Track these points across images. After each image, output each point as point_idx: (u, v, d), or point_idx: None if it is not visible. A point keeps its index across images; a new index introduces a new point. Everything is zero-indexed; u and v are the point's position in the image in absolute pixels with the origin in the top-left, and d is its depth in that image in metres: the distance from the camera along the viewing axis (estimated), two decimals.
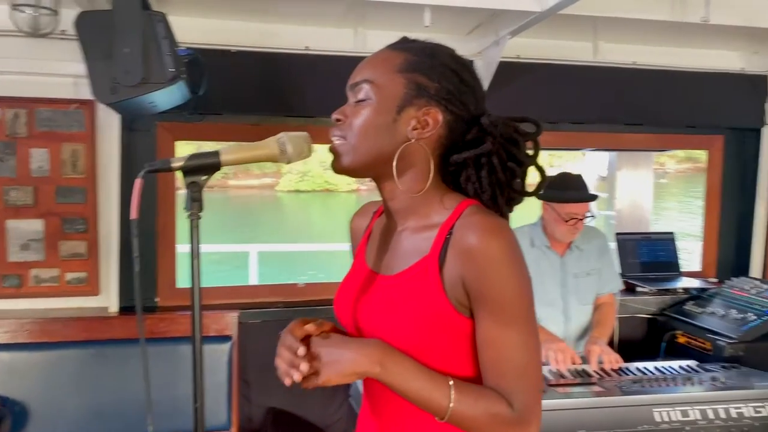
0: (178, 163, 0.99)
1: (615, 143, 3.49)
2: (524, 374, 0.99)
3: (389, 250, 1.15)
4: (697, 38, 3.07)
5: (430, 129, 1.06)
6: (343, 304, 1.19)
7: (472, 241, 0.99)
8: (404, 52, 1.09)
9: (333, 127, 1.11)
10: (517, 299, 1.00)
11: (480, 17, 2.77)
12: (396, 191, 1.10)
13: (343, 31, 2.93)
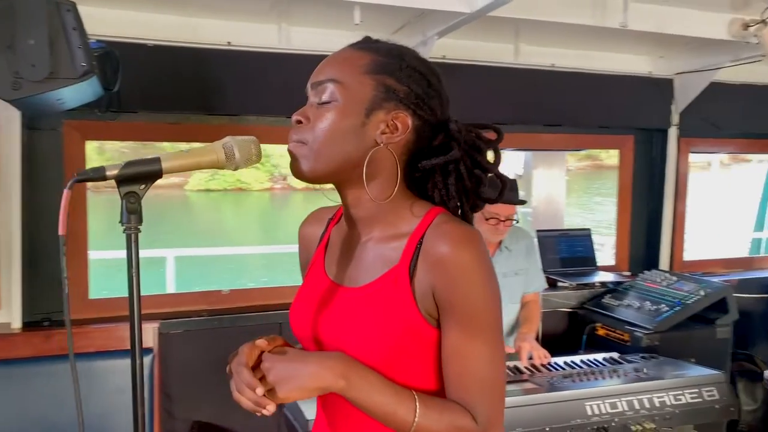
0: (113, 171, 0.89)
1: (535, 143, 3.59)
2: (489, 387, 0.98)
3: (353, 260, 1.09)
4: (610, 42, 3.21)
5: (399, 134, 1.02)
6: (301, 317, 1.12)
7: (444, 250, 0.97)
8: (370, 53, 1.04)
9: (292, 129, 1.04)
10: (487, 310, 0.98)
11: (407, 16, 2.75)
12: (361, 198, 1.05)
13: (266, 27, 2.83)
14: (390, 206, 1.05)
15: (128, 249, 0.89)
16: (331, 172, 1.03)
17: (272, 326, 2.94)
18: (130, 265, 0.90)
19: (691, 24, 2.75)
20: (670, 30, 2.68)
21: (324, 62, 1.06)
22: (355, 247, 1.09)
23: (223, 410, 2.82)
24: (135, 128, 2.78)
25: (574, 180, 33.34)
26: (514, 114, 3.34)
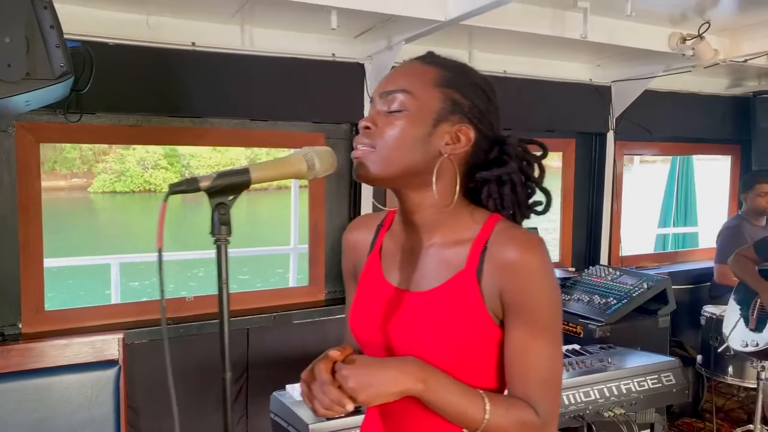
0: (206, 183, 0.88)
1: None
2: (550, 384, 1.04)
3: (416, 265, 1.12)
4: (555, 51, 3.39)
5: (462, 145, 1.07)
6: (367, 323, 1.14)
7: (513, 255, 1.02)
8: (438, 67, 1.09)
9: (359, 135, 1.07)
10: (551, 311, 1.04)
11: (372, 21, 2.78)
12: (422, 205, 1.10)
13: (230, 28, 2.77)
14: (450, 213, 1.10)
15: (219, 260, 0.88)
16: (396, 176, 1.06)
17: (240, 332, 2.90)
18: (221, 277, 0.89)
19: (635, 36, 2.95)
20: (621, 42, 2.88)
21: (393, 73, 1.11)
22: (417, 252, 1.13)
23: (193, 422, 2.75)
24: (93, 130, 2.65)
25: None
26: None
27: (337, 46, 3.00)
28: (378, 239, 1.22)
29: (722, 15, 2.84)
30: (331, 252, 3.22)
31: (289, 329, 3.03)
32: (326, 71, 3.00)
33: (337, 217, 3.22)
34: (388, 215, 1.24)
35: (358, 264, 1.24)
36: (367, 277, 1.20)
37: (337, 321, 3.13)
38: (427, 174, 1.06)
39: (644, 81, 3.58)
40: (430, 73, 1.08)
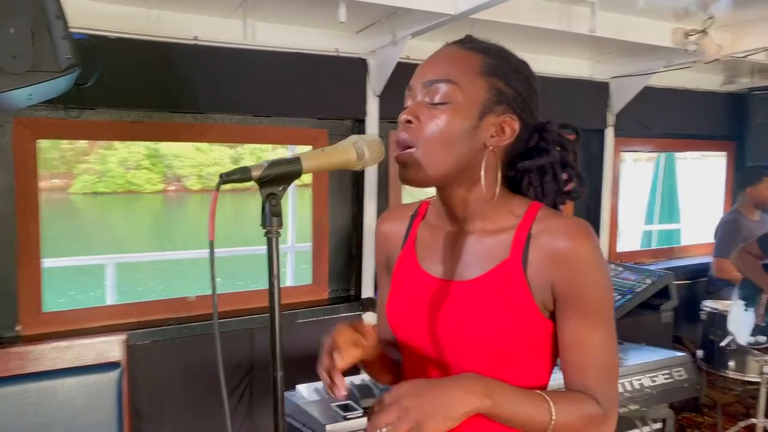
0: (258, 172, 0.84)
1: None
2: (608, 373, 1.01)
3: (458, 255, 1.09)
4: (554, 46, 3.37)
5: (507, 137, 1.04)
6: (409, 315, 1.11)
7: (564, 244, 0.99)
8: (481, 54, 1.04)
9: (400, 128, 1.02)
10: (606, 300, 1.02)
11: (377, 15, 2.74)
12: (468, 199, 1.06)
13: (232, 22, 2.72)
14: (493, 204, 1.06)
15: (270, 253, 0.84)
16: (443, 176, 1.02)
17: (244, 332, 2.85)
18: (272, 271, 0.85)
19: (638, 31, 2.95)
20: (626, 37, 2.87)
21: (433, 60, 1.06)
22: (457, 242, 1.09)
23: (198, 426, 2.69)
24: (92, 126, 2.58)
25: None
26: None
27: (340, 41, 2.95)
28: (412, 230, 1.18)
29: (724, 10, 2.85)
30: (334, 250, 3.17)
31: (294, 329, 2.98)
32: (329, 66, 2.96)
33: (341, 215, 3.18)
34: (422, 205, 1.20)
35: (391, 256, 1.21)
36: (402, 269, 1.16)
37: (341, 320, 3.06)
38: (472, 168, 1.03)
39: (644, 77, 3.58)
40: (474, 60, 1.03)
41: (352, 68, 3.01)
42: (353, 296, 3.21)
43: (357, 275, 3.18)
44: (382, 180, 3.17)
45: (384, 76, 2.95)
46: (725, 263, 3.82)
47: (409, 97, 1.07)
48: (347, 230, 3.20)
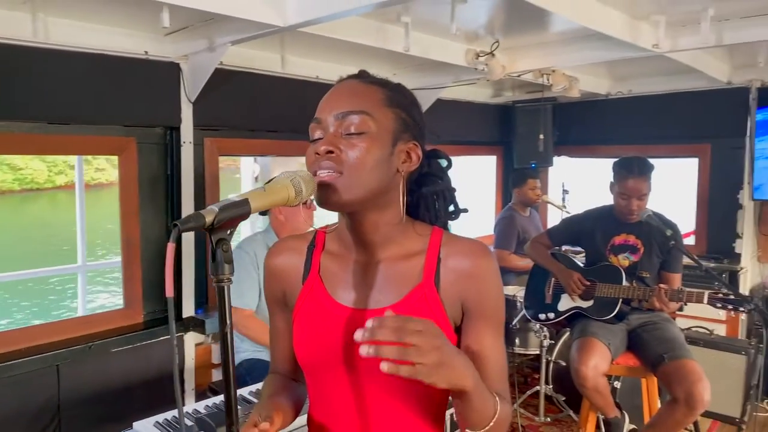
0: (210, 217, 0.78)
1: (304, 150, 3.74)
2: (505, 373, 1.14)
3: (370, 283, 1.11)
4: (358, 59, 3.50)
5: (414, 163, 1.10)
6: (325, 348, 1.10)
7: (470, 263, 1.09)
8: (381, 87, 1.10)
9: (320, 158, 1.03)
10: (503, 310, 1.15)
11: (189, 19, 2.60)
12: (378, 223, 1.10)
13: (19, 16, 2.36)
14: (399, 228, 1.12)
15: (221, 303, 0.78)
16: (364, 199, 1.05)
17: (46, 371, 2.51)
18: (224, 321, 0.79)
19: (438, 50, 3.23)
20: (431, 56, 3.13)
21: (340, 94, 1.09)
22: (368, 270, 1.12)
23: None
24: None
25: None
26: (282, 122, 3.45)
27: (149, 44, 2.74)
28: (313, 261, 1.18)
29: (506, 35, 3.27)
30: (148, 268, 2.93)
31: (107, 359, 2.70)
32: (138, 70, 2.73)
33: (154, 229, 2.94)
34: (318, 235, 1.21)
35: (289, 290, 1.19)
36: (309, 301, 1.15)
37: (160, 344, 2.87)
38: (386, 193, 1.08)
39: (435, 91, 3.95)
40: (378, 93, 1.09)
41: (163, 73, 2.82)
42: None
43: (176, 293, 2.98)
44: (198, 190, 3.02)
45: (200, 82, 2.82)
46: (504, 254, 4.40)
47: (317, 129, 1.08)
48: (162, 245, 2.98)
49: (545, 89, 4.00)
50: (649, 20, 2.88)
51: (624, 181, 2.82)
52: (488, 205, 5.55)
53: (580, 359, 2.66)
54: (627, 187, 2.81)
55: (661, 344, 2.69)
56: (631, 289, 2.79)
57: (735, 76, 4.12)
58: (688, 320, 3.86)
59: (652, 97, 4.56)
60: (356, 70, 1.20)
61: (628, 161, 2.87)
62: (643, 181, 2.80)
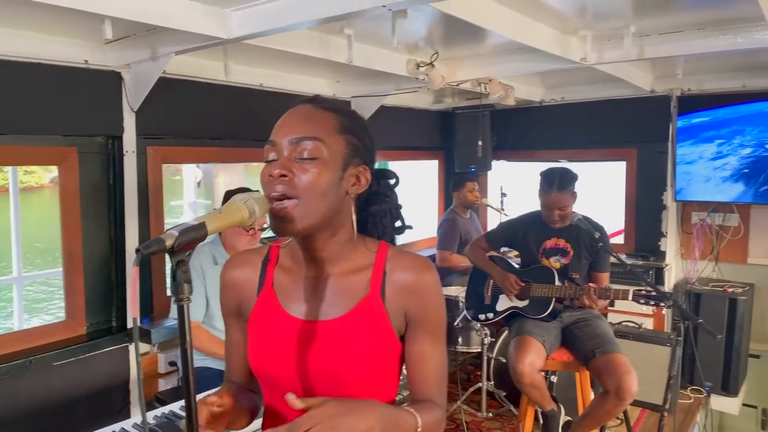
0: (171, 241, 0.84)
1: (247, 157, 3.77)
2: (444, 380, 1.24)
3: (321, 296, 1.19)
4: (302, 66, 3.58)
5: (363, 185, 1.18)
6: (276, 358, 1.17)
7: (414, 277, 1.18)
8: (335, 113, 1.17)
9: (273, 181, 1.08)
10: (444, 321, 1.24)
11: (131, 28, 2.59)
12: (328, 242, 1.17)
13: None
14: (349, 245, 1.20)
15: (182, 322, 0.84)
16: (317, 224, 1.12)
17: None
18: (184, 340, 0.85)
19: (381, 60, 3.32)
20: (374, 66, 3.22)
21: (294, 119, 1.15)
22: (318, 284, 1.20)
23: None
24: None
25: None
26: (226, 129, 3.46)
27: (88, 52, 2.71)
28: (267, 275, 1.24)
29: (445, 47, 3.39)
30: (91, 279, 2.89)
31: (50, 373, 2.66)
32: (77, 79, 2.70)
33: (97, 239, 2.91)
34: (272, 250, 1.27)
35: (244, 302, 1.25)
36: (263, 313, 1.21)
37: (104, 355, 2.85)
38: (337, 215, 1.15)
39: (380, 97, 4.04)
40: (331, 119, 1.15)
41: (104, 82, 2.79)
42: (116, 327, 2.97)
43: (120, 304, 2.96)
44: (142, 199, 3.01)
45: (142, 92, 2.81)
46: (446, 254, 4.54)
47: (272, 151, 1.13)
48: (105, 256, 2.95)
49: (483, 96, 4.15)
50: (578, 35, 3.06)
51: (546, 194, 3.00)
52: (431, 208, 5.69)
53: (517, 357, 2.81)
54: (549, 200, 2.99)
55: (592, 340, 2.87)
56: (562, 289, 2.96)
57: (657, 85, 4.39)
58: (619, 315, 4.11)
59: (582, 104, 4.80)
60: (300, 80, 1.27)
61: (551, 174, 3.04)
62: (563, 195, 2.97)
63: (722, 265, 4.57)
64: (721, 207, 4.45)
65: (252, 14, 2.37)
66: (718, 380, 4.09)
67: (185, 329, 0.86)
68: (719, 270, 4.57)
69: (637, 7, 2.69)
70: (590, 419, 2.85)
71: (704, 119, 4.23)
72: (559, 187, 2.96)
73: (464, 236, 4.59)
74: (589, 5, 2.69)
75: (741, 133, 4.09)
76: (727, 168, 4.20)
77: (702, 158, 4.29)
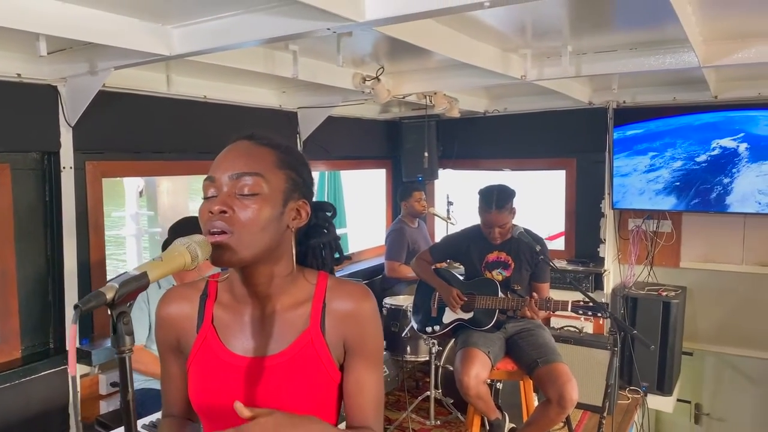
0: (111, 293, 0.83)
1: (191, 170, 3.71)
2: (381, 405, 1.27)
3: (263, 331, 1.19)
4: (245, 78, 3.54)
5: (303, 219, 1.20)
6: (219, 396, 1.16)
7: (352, 306, 1.21)
8: (273, 149, 1.17)
9: (213, 217, 1.08)
10: (382, 348, 1.28)
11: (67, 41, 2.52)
12: (272, 275, 1.18)
13: None
14: (289, 278, 1.22)
15: (123, 374, 0.83)
16: (256, 257, 1.13)
17: None
18: (126, 391, 0.84)
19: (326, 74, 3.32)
20: (319, 80, 3.21)
21: (234, 155, 1.15)
22: (259, 319, 1.20)
23: None
24: None
25: None
26: (168, 143, 3.40)
27: (20, 65, 2.61)
28: (206, 311, 1.24)
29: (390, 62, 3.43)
30: (26, 301, 2.78)
31: None
32: (9, 93, 2.60)
33: (32, 259, 2.80)
34: (210, 285, 1.27)
35: (183, 338, 1.24)
36: (203, 351, 1.21)
37: (40, 380, 2.75)
38: (277, 248, 1.16)
39: (327, 109, 4.05)
40: (271, 156, 1.16)
41: (39, 96, 2.70)
42: (54, 349, 2.87)
43: (58, 325, 2.86)
44: (80, 216, 2.92)
45: (80, 106, 2.73)
46: (395, 264, 4.59)
47: (211, 187, 1.13)
48: (41, 276, 2.84)
49: (427, 107, 4.22)
50: (518, 53, 3.15)
51: (485, 213, 3.09)
52: (379, 217, 5.72)
53: (463, 369, 2.87)
54: (488, 219, 3.09)
55: (535, 350, 2.96)
56: (505, 300, 3.05)
57: (595, 98, 4.56)
58: (561, 320, 4.24)
59: (524, 115, 4.93)
60: (245, 92, 1.27)
61: (489, 193, 3.12)
62: (501, 213, 3.07)
63: (657, 269, 4.78)
64: (655, 214, 4.65)
65: (194, 32, 2.34)
66: (654, 380, 4.28)
67: (127, 382, 0.85)
68: (654, 274, 4.78)
69: (574, 28, 2.79)
70: (534, 427, 2.94)
71: (638, 131, 4.42)
72: (497, 206, 3.04)
73: (412, 246, 4.64)
74: (529, 26, 2.78)
75: (672, 145, 4.29)
76: (660, 181, 4.39)
77: (636, 170, 4.47)
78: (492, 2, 1.75)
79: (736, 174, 4.10)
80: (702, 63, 2.84)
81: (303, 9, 1.92)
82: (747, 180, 4.08)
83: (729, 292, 4.57)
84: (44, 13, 2.01)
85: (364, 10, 1.93)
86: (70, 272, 2.84)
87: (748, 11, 2.48)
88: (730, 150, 4.08)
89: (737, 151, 4.06)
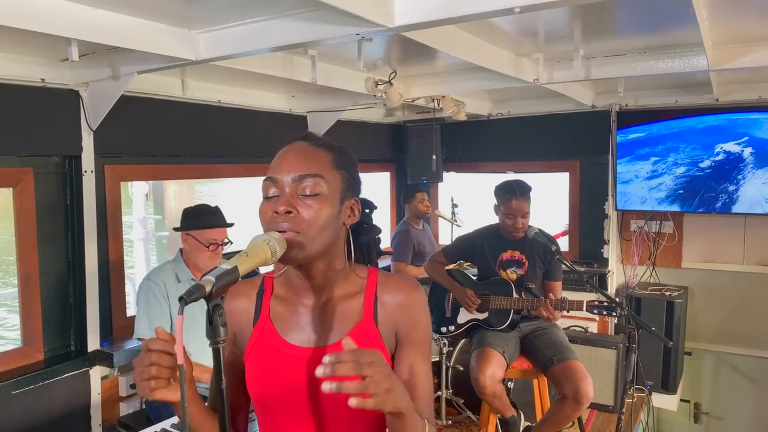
0: (209, 287, 0.87)
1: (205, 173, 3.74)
2: (432, 395, 1.31)
3: (318, 323, 1.25)
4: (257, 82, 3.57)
5: (356, 217, 1.26)
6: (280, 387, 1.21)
7: (403, 297, 1.26)
8: (328, 150, 1.23)
9: (280, 217, 1.13)
10: (430, 338, 1.33)
11: (90, 46, 2.55)
12: (327, 269, 1.23)
13: None
14: (342, 273, 1.27)
15: (217, 363, 0.87)
16: (319, 253, 1.18)
17: None
18: (220, 378, 0.88)
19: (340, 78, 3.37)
20: (333, 84, 3.26)
21: (294, 157, 1.20)
22: (315, 312, 1.26)
23: None
24: None
25: None
26: (184, 146, 3.43)
27: (44, 70, 2.64)
28: (263, 305, 1.29)
29: (402, 66, 3.48)
30: (49, 303, 2.80)
31: (8, 402, 2.56)
32: (34, 98, 2.63)
33: (54, 264, 2.82)
34: (266, 281, 1.32)
35: (240, 332, 1.29)
36: (261, 343, 1.26)
37: (63, 381, 2.77)
38: (335, 245, 1.22)
39: (336, 113, 4.10)
40: (328, 157, 1.22)
41: (62, 101, 2.72)
42: (75, 351, 2.89)
43: (79, 327, 2.88)
44: (100, 218, 2.94)
45: (102, 111, 2.76)
46: (401, 265, 4.63)
47: (272, 187, 1.18)
48: (63, 278, 2.86)
49: (434, 110, 4.27)
50: (530, 57, 3.21)
51: (508, 202, 3.14)
52: (384, 220, 5.77)
53: (479, 369, 2.92)
54: (511, 208, 3.13)
55: (549, 348, 3.02)
56: (520, 301, 3.10)
57: (598, 101, 4.64)
58: (567, 320, 4.30)
59: (528, 118, 5.00)
60: (256, 96, 1.32)
61: (509, 184, 3.19)
62: (524, 201, 3.14)
63: (659, 270, 4.86)
64: (657, 215, 4.73)
65: (220, 37, 2.38)
66: (658, 379, 4.35)
67: (221, 371, 0.89)
68: (656, 274, 4.86)
69: (585, 32, 2.86)
70: (549, 424, 3.00)
71: (640, 135, 4.48)
72: (520, 194, 3.11)
73: (417, 247, 4.69)
74: (541, 30, 2.84)
75: (675, 150, 4.32)
76: (662, 189, 4.39)
77: (638, 177, 4.50)
78: (523, 8, 1.80)
79: (741, 181, 4.07)
80: (711, 66, 2.92)
81: (332, 14, 1.97)
82: (753, 187, 4.05)
83: (730, 291, 4.65)
84: (77, 18, 2.05)
85: (394, 16, 1.98)
86: (91, 274, 2.87)
87: (756, 15, 2.56)
88: (735, 155, 4.07)
89: (742, 156, 4.05)
